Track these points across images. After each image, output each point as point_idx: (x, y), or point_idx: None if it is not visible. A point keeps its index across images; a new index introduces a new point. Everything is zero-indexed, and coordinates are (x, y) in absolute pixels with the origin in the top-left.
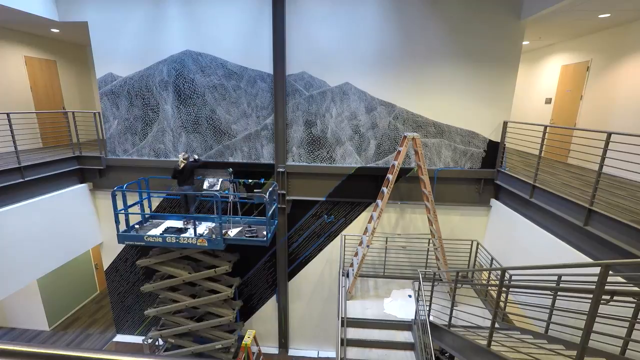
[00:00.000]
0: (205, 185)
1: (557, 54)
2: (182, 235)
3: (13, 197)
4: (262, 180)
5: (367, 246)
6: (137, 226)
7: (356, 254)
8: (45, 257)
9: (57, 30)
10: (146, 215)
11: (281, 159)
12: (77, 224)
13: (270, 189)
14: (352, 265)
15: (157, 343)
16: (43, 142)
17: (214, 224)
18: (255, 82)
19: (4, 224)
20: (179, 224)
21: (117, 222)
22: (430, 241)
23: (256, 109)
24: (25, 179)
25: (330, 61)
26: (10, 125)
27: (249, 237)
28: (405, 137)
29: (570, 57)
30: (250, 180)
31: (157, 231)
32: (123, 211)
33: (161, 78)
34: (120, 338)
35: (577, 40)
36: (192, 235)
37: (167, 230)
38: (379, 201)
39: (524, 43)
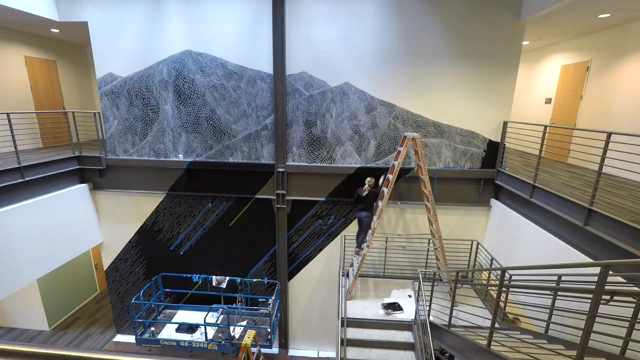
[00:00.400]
0: (214, 282)
1: (557, 54)
2: (194, 339)
3: (13, 197)
4: (266, 298)
5: (368, 246)
6: (153, 328)
7: (357, 254)
8: (45, 257)
9: (57, 30)
10: (159, 307)
11: (281, 159)
12: (77, 224)
13: (272, 297)
14: (352, 265)
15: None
16: (43, 142)
17: (219, 314)
18: (255, 82)
19: (4, 224)
20: (190, 314)
21: (135, 327)
22: (430, 241)
23: (256, 109)
24: (25, 179)
25: (330, 61)
26: (10, 125)
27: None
28: (405, 137)
29: (570, 57)
30: (260, 299)
31: (170, 331)
32: (140, 319)
33: (161, 78)
34: (120, 338)
35: (577, 40)
36: (203, 340)
37: (180, 327)
38: (379, 201)
39: (524, 43)
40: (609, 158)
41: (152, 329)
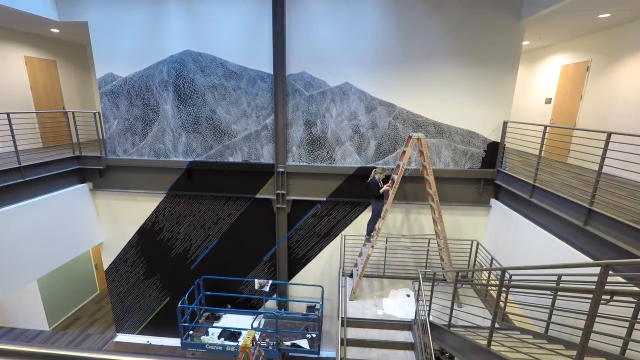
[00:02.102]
0: (256, 285)
1: (557, 54)
2: (240, 344)
3: (13, 197)
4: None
5: (372, 246)
6: (192, 332)
7: (360, 254)
8: (45, 257)
9: (57, 30)
10: (201, 311)
11: (281, 159)
12: (77, 224)
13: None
14: (355, 265)
15: None
16: (43, 142)
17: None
18: (255, 82)
19: (4, 224)
20: (232, 318)
21: (180, 330)
22: (435, 241)
23: (256, 109)
24: (25, 179)
25: (330, 61)
26: (10, 125)
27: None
28: (410, 137)
29: (570, 57)
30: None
31: (214, 334)
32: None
33: (161, 78)
34: (120, 338)
35: (577, 40)
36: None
37: (222, 332)
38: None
39: (524, 43)
40: (609, 158)
41: (191, 332)
